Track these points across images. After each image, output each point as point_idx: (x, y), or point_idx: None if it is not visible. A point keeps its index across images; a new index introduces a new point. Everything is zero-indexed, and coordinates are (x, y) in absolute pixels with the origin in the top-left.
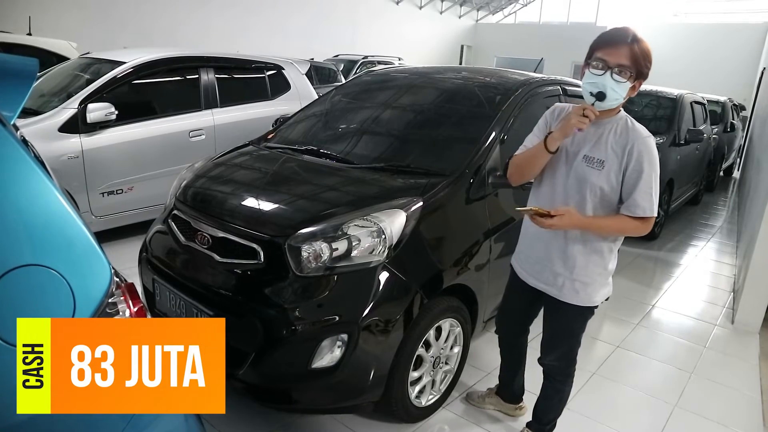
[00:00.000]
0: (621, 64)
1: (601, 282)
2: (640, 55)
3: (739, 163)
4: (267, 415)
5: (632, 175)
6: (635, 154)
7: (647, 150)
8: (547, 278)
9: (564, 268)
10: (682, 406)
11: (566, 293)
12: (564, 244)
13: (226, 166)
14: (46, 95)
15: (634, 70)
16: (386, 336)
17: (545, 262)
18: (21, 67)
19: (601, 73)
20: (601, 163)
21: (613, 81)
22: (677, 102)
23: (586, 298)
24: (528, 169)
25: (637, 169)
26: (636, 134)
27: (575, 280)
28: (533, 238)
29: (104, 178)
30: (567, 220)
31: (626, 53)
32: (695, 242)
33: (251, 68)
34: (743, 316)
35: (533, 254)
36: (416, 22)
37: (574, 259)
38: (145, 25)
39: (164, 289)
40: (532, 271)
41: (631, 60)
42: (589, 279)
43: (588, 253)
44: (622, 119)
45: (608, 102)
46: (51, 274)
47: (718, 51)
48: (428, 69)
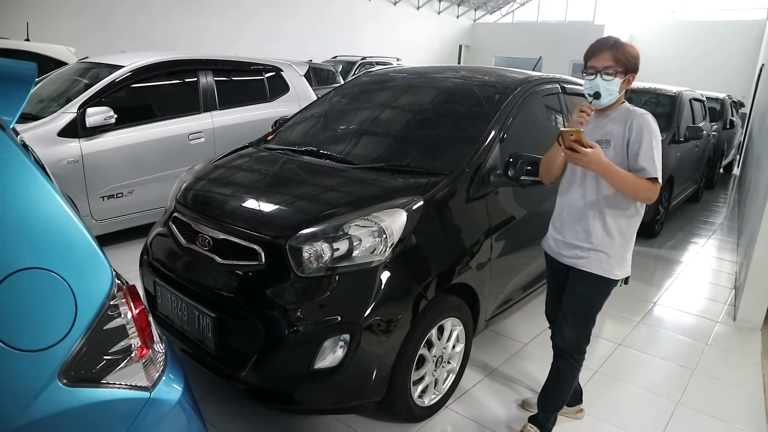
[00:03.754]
0: (605, 66)
1: (621, 255)
2: (622, 56)
3: (739, 160)
4: (269, 416)
5: (635, 145)
6: (635, 127)
7: (646, 122)
8: (574, 252)
9: (586, 239)
10: (685, 403)
11: (590, 263)
12: (584, 219)
13: (226, 168)
14: (45, 100)
15: (620, 67)
16: (388, 336)
17: (572, 238)
18: (19, 72)
19: (593, 78)
20: (608, 143)
21: (603, 81)
22: (676, 99)
23: (608, 268)
24: (551, 167)
25: (638, 139)
26: (635, 113)
27: (598, 250)
28: (562, 220)
29: (104, 182)
30: (594, 155)
31: (608, 57)
32: (696, 239)
33: (250, 70)
34: (745, 313)
35: (561, 234)
36: (414, 23)
37: (595, 230)
38: (143, 30)
39: (165, 291)
40: (563, 248)
41: (614, 61)
42: (611, 250)
43: (606, 226)
44: (623, 107)
45: (605, 99)
46: (52, 277)
47: (717, 48)
48: (427, 69)
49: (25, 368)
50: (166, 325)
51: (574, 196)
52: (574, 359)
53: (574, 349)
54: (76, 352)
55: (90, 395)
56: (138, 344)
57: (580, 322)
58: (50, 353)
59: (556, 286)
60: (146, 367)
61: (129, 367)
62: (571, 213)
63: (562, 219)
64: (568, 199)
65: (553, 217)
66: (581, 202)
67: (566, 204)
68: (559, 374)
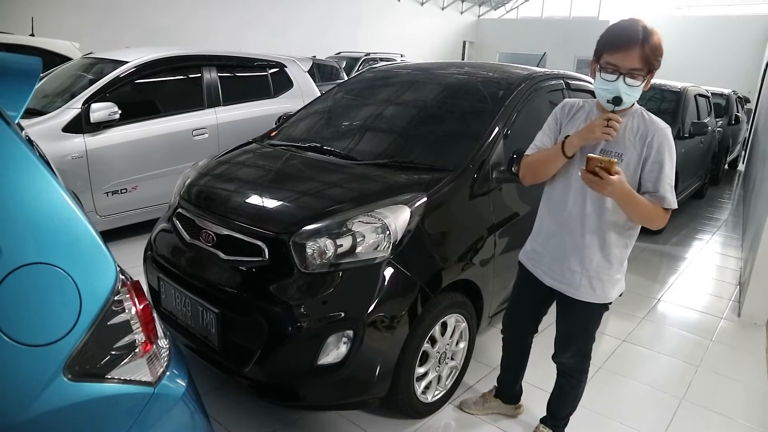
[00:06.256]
0: (633, 68)
1: (616, 278)
2: (651, 54)
3: (744, 156)
4: (273, 412)
5: (653, 166)
6: (656, 146)
7: (667, 141)
8: (564, 277)
9: (580, 265)
10: (689, 399)
11: (583, 291)
12: (581, 241)
13: (229, 164)
14: (50, 96)
15: (646, 70)
16: (392, 332)
17: (561, 260)
18: (24, 67)
19: (614, 79)
20: (619, 157)
21: (626, 86)
22: (681, 95)
23: (602, 295)
24: (542, 171)
25: (659, 160)
26: (655, 126)
27: (592, 277)
28: (548, 236)
29: (108, 177)
30: (619, 185)
31: (637, 56)
32: (700, 236)
33: (254, 66)
34: (749, 309)
35: (548, 252)
36: (418, 19)
37: (591, 255)
38: (147, 25)
39: (169, 287)
40: (548, 269)
41: (643, 62)
42: (606, 276)
43: (604, 250)
44: (637, 112)
45: (625, 105)
46: (57, 272)
47: (722, 43)
48: (431, 65)
49: (29, 363)
50: (170, 321)
51: (569, 213)
52: (576, 378)
53: (575, 370)
54: (80, 347)
55: (94, 390)
56: (142, 339)
57: (578, 347)
58: (55, 348)
59: (530, 303)
60: (150, 363)
61: (133, 363)
62: (563, 231)
63: (549, 234)
64: (559, 213)
65: (536, 230)
66: (578, 222)
67: (556, 218)
68: (562, 391)
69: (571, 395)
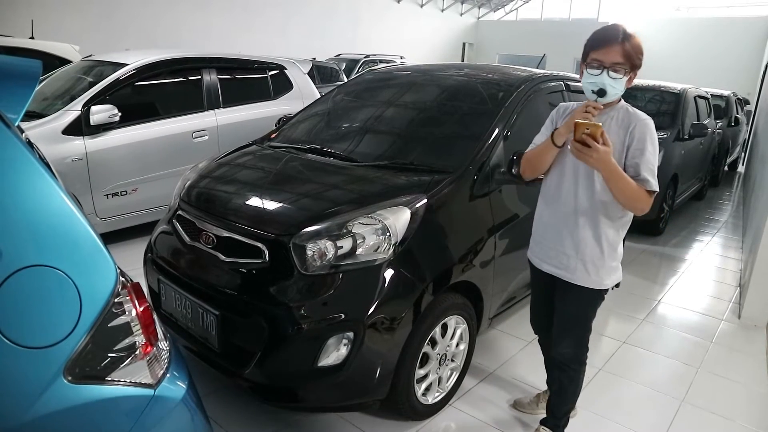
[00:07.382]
0: (615, 62)
1: (611, 265)
2: (632, 51)
3: (744, 158)
4: (273, 414)
5: (635, 152)
6: (637, 134)
7: (648, 129)
8: (560, 261)
9: (575, 250)
10: (689, 401)
11: (578, 275)
12: (574, 228)
13: (229, 166)
14: (50, 98)
15: (628, 65)
16: (392, 334)
17: (558, 247)
18: (24, 69)
19: (598, 73)
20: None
21: (610, 78)
22: (681, 97)
23: (597, 280)
24: (538, 164)
25: (640, 147)
26: (637, 117)
27: (586, 261)
28: (545, 225)
29: (108, 179)
30: (605, 153)
31: (619, 51)
32: (700, 237)
33: (253, 68)
34: (750, 311)
35: (545, 240)
36: (418, 21)
37: (585, 241)
38: (147, 28)
39: (170, 289)
40: (545, 256)
41: (624, 57)
42: (599, 261)
43: (597, 236)
44: (622, 108)
45: (609, 97)
46: (57, 274)
47: (722, 45)
48: (430, 67)
49: (30, 365)
50: (170, 323)
51: (563, 201)
52: (574, 370)
53: (573, 361)
54: (80, 349)
55: (95, 392)
56: (142, 342)
57: (575, 336)
58: (55, 350)
59: (542, 296)
60: (150, 365)
61: (133, 365)
62: (558, 219)
63: (546, 223)
64: (554, 204)
65: (535, 223)
66: (571, 208)
67: (551, 207)
68: (560, 386)
69: (570, 389)
